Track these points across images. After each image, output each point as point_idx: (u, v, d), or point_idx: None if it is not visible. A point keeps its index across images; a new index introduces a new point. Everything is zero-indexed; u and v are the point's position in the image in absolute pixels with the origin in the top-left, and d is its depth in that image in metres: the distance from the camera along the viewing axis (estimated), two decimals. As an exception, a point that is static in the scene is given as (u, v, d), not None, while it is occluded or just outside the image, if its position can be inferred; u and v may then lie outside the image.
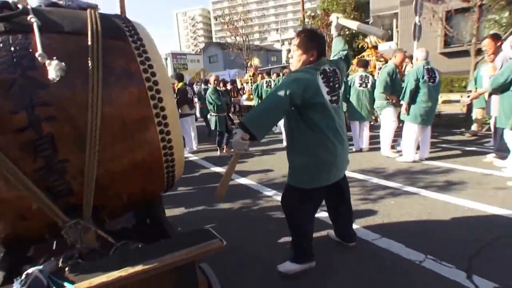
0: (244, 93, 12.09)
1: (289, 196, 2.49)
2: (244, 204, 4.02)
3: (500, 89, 4.16)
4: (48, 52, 1.31)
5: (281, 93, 2.14)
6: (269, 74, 9.58)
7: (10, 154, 1.28)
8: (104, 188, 1.50)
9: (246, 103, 11.92)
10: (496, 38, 4.99)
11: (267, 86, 9.17)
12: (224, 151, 6.96)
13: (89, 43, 1.43)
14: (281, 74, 7.19)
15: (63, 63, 1.30)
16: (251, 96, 10.89)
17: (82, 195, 1.46)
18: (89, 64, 1.40)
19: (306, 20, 15.77)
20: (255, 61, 12.08)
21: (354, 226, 2.96)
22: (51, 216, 1.40)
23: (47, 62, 1.29)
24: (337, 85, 2.34)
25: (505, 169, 4.33)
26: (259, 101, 9.63)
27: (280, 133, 7.82)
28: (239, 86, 12.84)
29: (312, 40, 2.33)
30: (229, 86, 11.36)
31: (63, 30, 1.46)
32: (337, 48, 2.76)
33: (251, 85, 11.20)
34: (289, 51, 2.71)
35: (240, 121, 2.41)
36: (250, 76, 11.74)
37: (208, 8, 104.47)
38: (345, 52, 2.69)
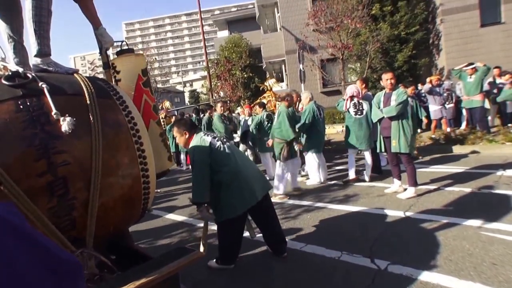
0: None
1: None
2: (182, 238, 4.17)
3: None
4: (59, 111, 1.55)
5: (197, 163, 2.88)
6: (182, 115, 9.86)
7: (32, 195, 1.46)
8: (97, 219, 1.70)
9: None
10: (364, 80, 6.40)
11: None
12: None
13: (88, 102, 1.71)
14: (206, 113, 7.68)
15: (74, 119, 1.55)
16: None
17: (82, 229, 1.65)
18: (91, 118, 1.67)
19: (210, 65, 16.75)
20: (167, 104, 12.16)
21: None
22: (62, 247, 1.53)
23: (61, 118, 1.53)
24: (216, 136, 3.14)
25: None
26: (174, 142, 9.78)
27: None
28: (151, 128, 12.64)
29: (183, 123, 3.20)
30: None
31: (67, 93, 1.72)
32: None
33: (164, 127, 11.22)
34: (191, 92, 3.58)
35: (193, 201, 2.98)
36: (162, 118, 11.77)
37: (108, 53, 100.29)
38: None
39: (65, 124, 1.52)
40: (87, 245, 1.66)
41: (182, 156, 10.15)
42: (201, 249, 2.78)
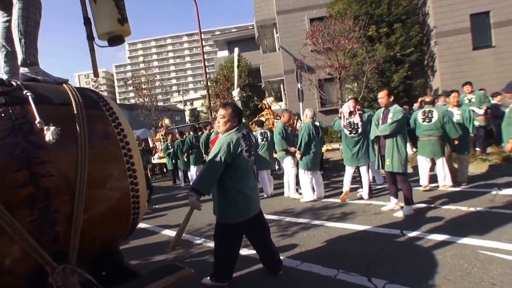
0: (156, 152, 11.97)
1: (216, 230, 2.99)
2: (178, 254, 4.08)
3: None
4: (44, 120, 1.47)
5: (218, 157, 2.72)
6: (181, 134, 9.93)
7: (11, 207, 1.36)
8: (82, 234, 1.60)
9: (157, 161, 11.78)
10: (356, 100, 6.49)
11: (182, 146, 9.49)
12: (146, 208, 6.76)
13: (75, 112, 1.64)
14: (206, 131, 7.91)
15: (59, 128, 1.46)
16: (163, 154, 10.92)
17: (65, 243, 1.54)
18: (77, 129, 1.60)
19: (210, 84, 16.96)
20: (166, 121, 12.27)
21: (280, 257, 3.38)
22: (42, 263, 1.46)
23: (45, 127, 1.44)
24: (252, 143, 2.98)
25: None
26: (170, 160, 9.87)
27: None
28: (151, 145, 12.68)
29: (237, 112, 2.95)
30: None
31: (54, 102, 1.65)
32: None
33: (164, 144, 11.25)
34: (191, 110, 3.41)
35: (192, 187, 2.81)
36: (162, 135, 11.81)
37: (112, 71, 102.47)
38: None
39: (49, 134, 1.43)
40: (70, 261, 1.54)
41: (180, 174, 10.11)
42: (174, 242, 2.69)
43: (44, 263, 1.47)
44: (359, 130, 5.52)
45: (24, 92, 1.55)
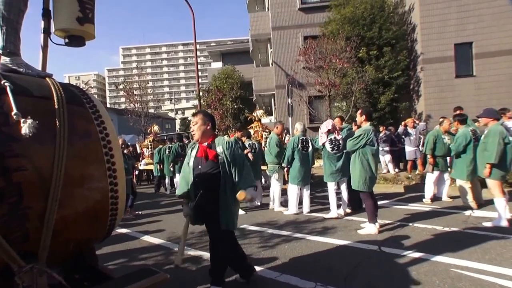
0: (144, 158, 11.86)
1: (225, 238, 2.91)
2: (156, 261, 4.00)
3: None
4: (21, 112, 1.39)
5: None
6: (171, 140, 9.89)
7: None
8: (55, 233, 1.52)
9: (143, 167, 11.67)
10: (342, 118, 6.73)
11: (169, 152, 9.45)
12: (128, 213, 6.70)
13: (56, 106, 1.58)
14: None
15: (36, 122, 1.39)
16: (151, 161, 10.84)
17: (36, 242, 1.46)
18: (57, 124, 1.53)
19: (201, 93, 17.01)
20: (155, 128, 12.21)
21: (260, 268, 3.42)
22: (9, 261, 1.37)
23: (22, 120, 1.36)
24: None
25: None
26: (158, 166, 9.81)
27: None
28: (138, 150, 12.55)
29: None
30: (125, 151, 11.07)
31: (34, 95, 1.59)
32: None
33: (151, 150, 11.16)
34: (182, 119, 3.56)
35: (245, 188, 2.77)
36: (150, 141, 11.74)
37: (103, 75, 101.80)
38: None
39: (26, 127, 1.35)
40: (39, 260, 1.45)
41: (167, 180, 10.04)
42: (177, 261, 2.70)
43: (10, 261, 1.38)
44: (341, 146, 5.64)
45: (2, 82, 1.47)
